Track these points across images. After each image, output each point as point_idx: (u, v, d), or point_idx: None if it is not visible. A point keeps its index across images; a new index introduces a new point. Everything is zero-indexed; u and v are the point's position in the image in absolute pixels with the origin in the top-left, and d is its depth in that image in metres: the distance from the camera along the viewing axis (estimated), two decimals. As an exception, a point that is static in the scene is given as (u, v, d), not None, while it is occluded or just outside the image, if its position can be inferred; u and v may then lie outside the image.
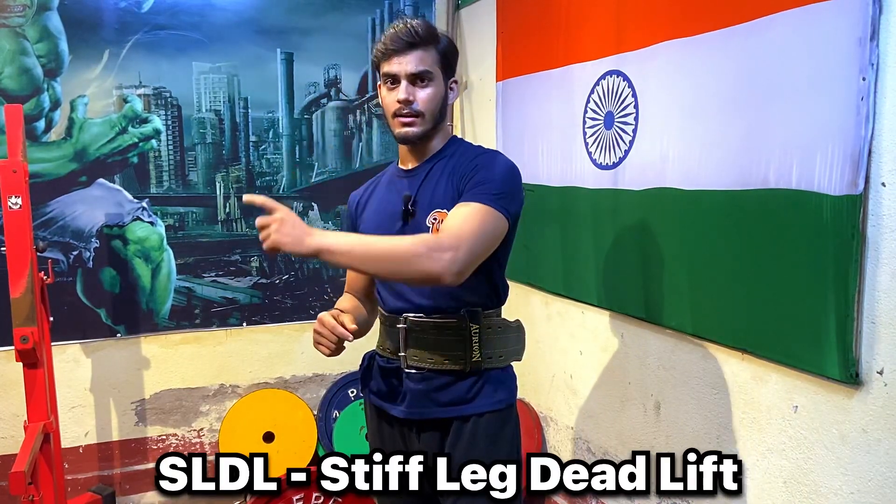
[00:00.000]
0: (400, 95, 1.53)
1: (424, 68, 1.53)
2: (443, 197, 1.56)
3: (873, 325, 1.49)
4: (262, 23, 3.08)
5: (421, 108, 1.54)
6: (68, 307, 2.90)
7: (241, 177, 3.12)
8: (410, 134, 1.56)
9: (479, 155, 1.59)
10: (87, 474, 3.00)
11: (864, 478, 1.53)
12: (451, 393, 1.56)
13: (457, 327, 1.55)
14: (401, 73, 1.53)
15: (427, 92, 1.54)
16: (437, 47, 1.56)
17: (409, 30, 1.51)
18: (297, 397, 3.23)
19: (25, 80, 2.77)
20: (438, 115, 1.59)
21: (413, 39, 1.51)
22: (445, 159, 1.61)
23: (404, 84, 1.53)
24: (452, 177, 1.57)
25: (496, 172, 1.53)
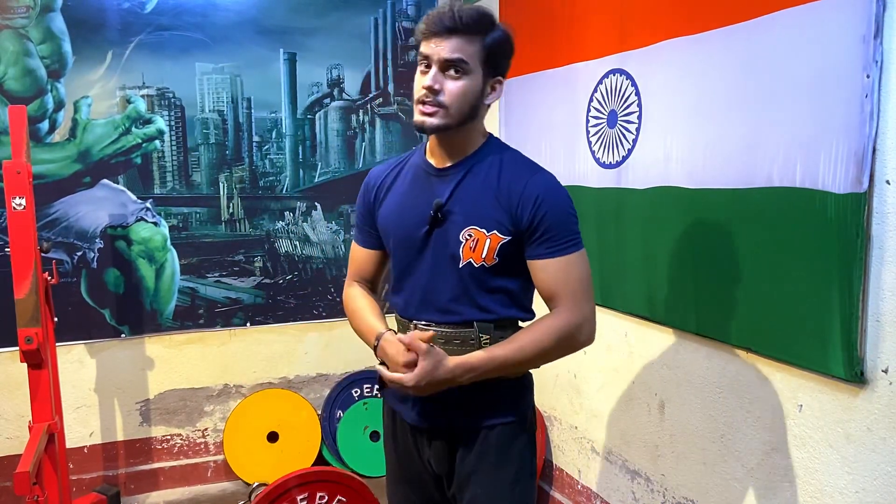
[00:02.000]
0: (426, 81, 1.39)
1: (459, 57, 1.37)
2: (482, 216, 1.44)
3: (878, 323, 1.48)
4: (265, 23, 3.08)
5: (446, 100, 1.39)
6: (73, 307, 2.91)
7: (244, 177, 3.13)
8: (427, 124, 1.41)
9: (533, 183, 1.44)
10: (91, 474, 3.00)
11: (869, 476, 1.52)
12: (460, 402, 1.48)
13: (465, 338, 1.46)
14: (433, 58, 1.38)
15: (458, 85, 1.39)
16: (482, 39, 1.39)
17: (453, 13, 1.37)
18: (301, 397, 3.23)
19: (29, 81, 2.78)
20: (468, 112, 1.42)
21: (454, 25, 1.36)
22: (485, 167, 1.47)
23: (434, 70, 1.39)
24: (499, 197, 1.43)
25: (564, 210, 1.44)
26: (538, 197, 1.42)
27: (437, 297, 1.48)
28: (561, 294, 1.43)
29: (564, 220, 1.43)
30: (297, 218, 3.23)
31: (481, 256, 1.44)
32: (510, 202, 1.43)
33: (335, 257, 3.30)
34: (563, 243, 1.42)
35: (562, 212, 1.44)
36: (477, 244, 1.44)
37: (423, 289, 1.50)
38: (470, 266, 1.45)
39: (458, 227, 1.45)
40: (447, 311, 1.48)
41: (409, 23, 3.31)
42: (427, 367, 1.36)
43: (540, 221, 1.41)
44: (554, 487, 2.79)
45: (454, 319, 1.47)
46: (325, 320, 3.30)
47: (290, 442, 3.18)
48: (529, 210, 1.41)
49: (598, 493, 2.51)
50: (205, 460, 3.17)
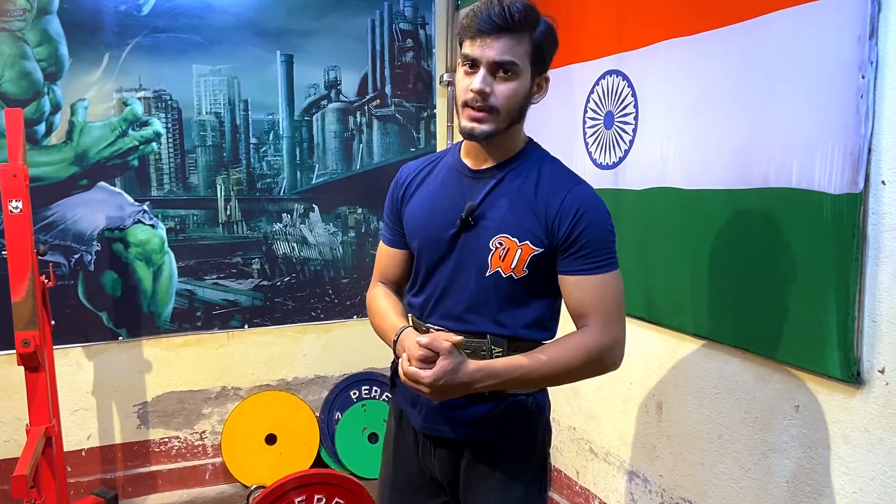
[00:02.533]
0: (475, 84, 1.30)
1: (511, 59, 1.30)
2: (516, 224, 1.37)
3: (874, 323, 1.48)
4: (262, 25, 3.08)
5: (498, 103, 1.32)
6: (70, 310, 2.91)
7: (241, 179, 3.13)
8: (477, 131, 1.33)
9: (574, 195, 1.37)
10: (89, 477, 3.00)
11: (866, 477, 1.52)
12: (468, 414, 1.42)
13: (476, 349, 1.39)
14: (482, 59, 1.30)
15: (509, 87, 1.32)
16: (531, 35, 1.32)
17: (504, 11, 1.28)
18: (299, 399, 3.23)
19: (26, 84, 2.78)
20: (517, 114, 1.37)
21: (506, 23, 1.28)
22: (524, 173, 1.41)
23: (483, 72, 1.30)
24: (535, 207, 1.37)
25: (604, 226, 1.37)
26: (578, 210, 1.35)
27: (453, 304, 1.43)
28: (593, 313, 1.36)
29: (603, 237, 1.36)
30: (295, 220, 3.23)
31: (510, 266, 1.37)
32: (547, 213, 1.36)
33: (333, 259, 3.30)
34: (601, 260, 1.36)
35: (602, 228, 1.36)
36: (507, 253, 1.37)
37: (440, 293, 1.45)
38: (497, 276, 1.38)
39: (490, 233, 1.39)
40: (460, 319, 1.42)
41: (406, 24, 3.31)
42: (447, 366, 1.29)
43: (579, 236, 1.34)
44: (553, 488, 2.79)
45: (467, 328, 1.40)
46: (324, 322, 3.30)
47: (289, 444, 3.18)
48: (568, 223, 1.34)
49: (596, 494, 2.51)
50: (203, 463, 3.17)
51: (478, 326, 1.40)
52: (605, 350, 1.36)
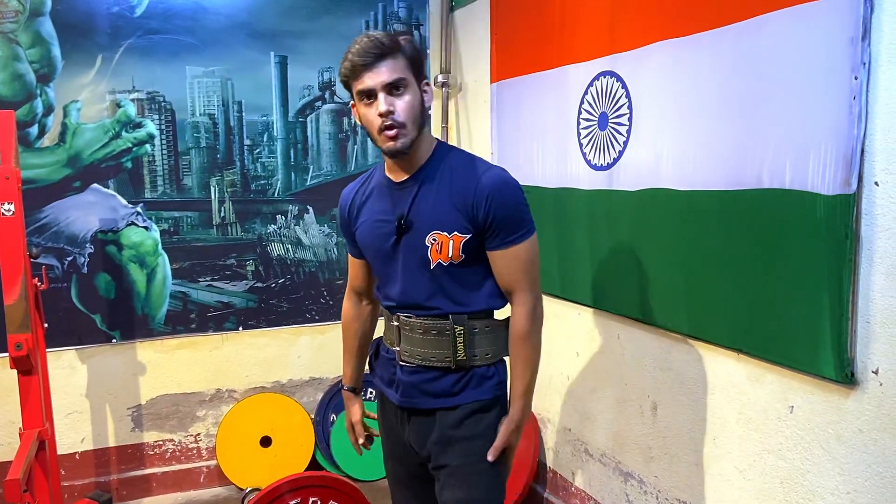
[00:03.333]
0: (381, 108, 1.49)
1: (398, 76, 1.50)
2: (442, 220, 1.57)
3: (868, 324, 1.48)
4: (256, 26, 3.07)
5: (402, 117, 1.51)
6: (63, 313, 2.90)
7: (235, 181, 3.12)
8: (399, 147, 1.52)
9: (483, 183, 1.55)
10: (83, 480, 2.99)
11: (860, 477, 1.53)
12: (438, 386, 1.63)
13: (441, 329, 1.60)
14: (376, 87, 1.49)
15: (405, 100, 1.51)
16: (403, 54, 1.52)
17: (374, 42, 1.49)
18: (294, 401, 3.22)
19: (18, 85, 2.77)
20: (421, 120, 1.56)
21: (380, 50, 1.48)
22: (438, 174, 1.59)
23: (382, 96, 1.49)
24: (453, 199, 1.56)
25: (513, 203, 1.56)
26: (489, 196, 1.54)
27: (415, 296, 1.63)
28: (513, 281, 1.59)
29: (515, 214, 1.56)
30: (290, 221, 3.22)
31: (448, 256, 1.57)
32: (465, 203, 1.55)
33: (328, 260, 3.30)
34: (517, 233, 1.56)
35: (512, 206, 1.55)
36: (442, 246, 1.57)
37: (401, 290, 1.64)
38: (440, 266, 1.59)
39: (423, 233, 1.58)
40: (424, 307, 1.62)
41: (401, 26, 3.31)
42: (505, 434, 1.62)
43: (494, 218, 1.54)
44: (548, 490, 2.78)
45: (433, 313, 1.61)
46: (318, 324, 3.29)
47: (284, 446, 3.17)
48: (483, 209, 1.54)
49: (591, 496, 2.51)
50: (197, 466, 3.16)
51: (441, 310, 1.61)
52: (531, 315, 1.60)
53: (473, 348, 1.61)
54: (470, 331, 1.60)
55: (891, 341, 1.44)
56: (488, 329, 1.63)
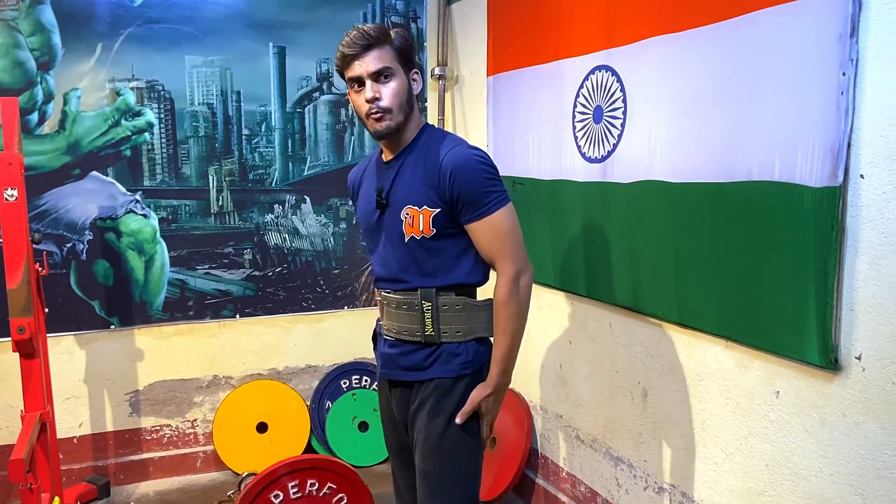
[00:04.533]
0: (367, 95, 1.62)
1: (384, 65, 1.61)
2: (414, 195, 1.68)
3: (852, 312, 1.54)
4: (255, 16, 3.10)
5: (387, 103, 1.63)
6: (62, 299, 2.92)
7: (233, 170, 3.15)
8: (383, 129, 1.65)
9: (445, 160, 1.64)
10: (81, 464, 3.02)
11: (843, 460, 1.58)
12: (411, 360, 1.73)
13: (411, 304, 1.70)
14: (363, 74, 1.62)
15: (391, 87, 1.63)
16: (392, 44, 1.64)
17: (362, 33, 1.61)
18: (290, 388, 3.26)
19: (19, 73, 2.79)
20: (407, 106, 1.67)
21: (367, 41, 1.61)
22: (416, 151, 1.71)
23: (369, 83, 1.62)
24: (424, 176, 1.67)
25: (477, 176, 1.63)
26: (451, 171, 1.63)
27: (391, 269, 1.74)
28: (493, 253, 1.67)
29: (479, 185, 1.63)
30: (287, 211, 3.26)
31: (420, 230, 1.67)
32: (434, 178, 1.65)
33: (324, 250, 3.33)
34: (484, 206, 1.63)
35: (475, 178, 1.63)
36: (414, 220, 1.67)
37: (382, 263, 1.76)
38: (413, 240, 1.68)
39: (399, 208, 1.69)
40: (398, 280, 1.73)
41: (398, 18, 3.34)
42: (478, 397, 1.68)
43: (459, 192, 1.63)
44: (539, 475, 2.84)
45: (404, 286, 1.72)
46: (314, 312, 3.33)
47: (280, 432, 3.21)
48: (448, 184, 1.63)
49: (582, 480, 2.57)
50: (194, 451, 3.20)
51: (411, 283, 1.71)
52: (514, 283, 1.66)
53: (441, 324, 1.69)
54: (439, 307, 1.68)
55: (873, 328, 1.50)
56: (458, 307, 1.69)
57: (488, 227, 1.65)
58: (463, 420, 1.67)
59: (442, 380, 1.70)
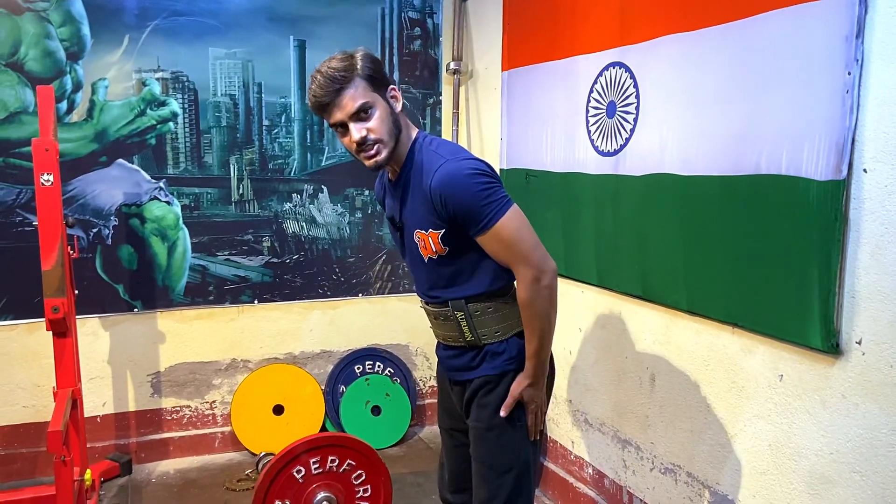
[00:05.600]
0: (354, 136, 1.59)
1: (361, 102, 1.57)
2: (419, 220, 1.68)
3: (853, 299, 1.63)
4: (276, 10, 3.18)
5: (376, 136, 1.60)
6: (88, 282, 3.02)
7: (254, 159, 3.24)
8: (381, 161, 1.63)
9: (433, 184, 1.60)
10: (104, 443, 3.12)
11: (842, 439, 1.67)
12: (460, 362, 1.80)
13: (446, 315, 1.76)
14: (344, 118, 1.58)
15: (375, 119, 1.60)
16: (360, 75, 1.58)
17: (328, 77, 1.56)
18: (306, 372, 3.36)
19: (49, 62, 2.88)
20: (395, 130, 1.65)
21: (337, 84, 1.55)
22: (412, 174, 1.68)
23: (352, 125, 1.59)
24: (421, 200, 1.65)
25: (469, 191, 1.58)
26: (441, 194, 1.59)
27: (422, 285, 1.80)
28: (511, 261, 1.65)
29: (474, 200, 1.58)
30: (305, 200, 3.34)
31: (433, 250, 1.68)
32: (430, 203, 1.63)
33: (340, 239, 3.42)
34: (485, 219, 1.60)
35: (467, 195, 1.58)
36: (425, 242, 1.69)
37: (415, 278, 1.84)
38: (431, 259, 1.71)
39: (411, 231, 1.72)
40: (429, 295, 1.79)
41: (415, 13, 3.42)
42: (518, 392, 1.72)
43: (455, 211, 1.60)
44: (548, 458, 2.94)
45: (436, 301, 1.77)
46: (330, 299, 3.43)
47: (295, 415, 3.31)
48: (441, 206, 1.61)
49: (590, 462, 2.66)
50: (213, 431, 3.30)
51: (441, 297, 1.75)
52: (532, 286, 1.64)
53: (478, 329, 1.73)
54: (471, 314, 1.72)
55: (873, 314, 1.58)
56: (491, 310, 1.72)
57: (494, 238, 1.62)
58: (507, 412, 1.71)
59: (490, 376, 1.75)
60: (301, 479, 2.27)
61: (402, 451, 3.38)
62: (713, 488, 2.07)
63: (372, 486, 2.36)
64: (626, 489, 2.46)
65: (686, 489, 2.18)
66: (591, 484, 2.66)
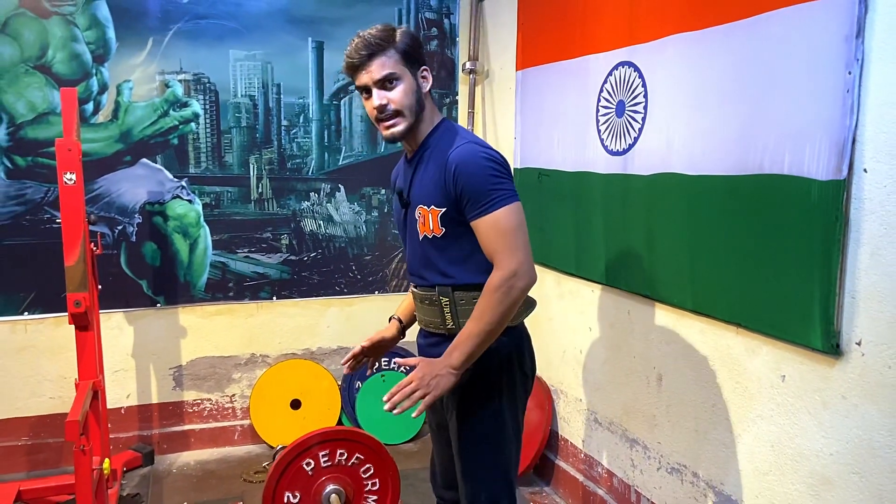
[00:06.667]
0: (375, 102, 1.64)
1: (388, 71, 1.62)
2: (425, 195, 1.70)
3: (853, 300, 1.62)
4: (295, 13, 3.24)
5: (396, 107, 1.65)
6: (113, 278, 3.12)
7: (273, 159, 3.31)
8: (396, 133, 1.68)
9: (451, 157, 1.64)
10: (128, 434, 3.22)
11: (842, 440, 1.67)
12: (438, 350, 1.74)
13: (432, 299, 1.76)
14: (369, 83, 1.64)
15: (398, 91, 1.64)
16: (395, 47, 1.63)
17: (365, 41, 1.62)
18: (323, 368, 3.42)
19: (76, 65, 2.97)
20: (416, 107, 1.68)
21: (370, 49, 1.61)
22: (430, 149, 1.72)
23: (375, 91, 1.64)
24: (434, 175, 1.68)
25: (479, 174, 1.61)
26: (455, 169, 1.63)
27: (415, 265, 1.80)
28: (495, 251, 1.63)
29: (482, 184, 1.61)
30: (322, 199, 3.40)
31: (430, 229, 1.70)
32: (442, 178, 1.66)
33: (357, 237, 3.48)
34: (486, 203, 1.61)
35: (478, 176, 1.61)
36: (425, 219, 1.71)
37: (409, 258, 1.84)
38: (426, 238, 1.73)
39: (414, 207, 1.74)
40: (420, 276, 1.79)
41: (432, 14, 3.45)
42: (422, 366, 1.65)
43: (462, 190, 1.63)
44: (559, 456, 2.95)
45: (425, 283, 1.77)
46: (346, 296, 3.48)
47: (312, 409, 3.37)
48: (452, 182, 1.63)
49: (599, 461, 2.67)
50: (232, 424, 3.38)
51: (429, 280, 1.76)
52: (507, 279, 1.61)
53: (461, 318, 1.72)
54: (455, 301, 1.72)
55: (873, 315, 1.57)
56: (476, 301, 1.68)
57: (490, 224, 1.62)
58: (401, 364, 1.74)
59: (476, 370, 1.71)
60: (311, 472, 2.33)
61: (416, 447, 3.42)
62: (717, 488, 2.07)
63: (380, 480, 2.40)
64: (633, 488, 2.47)
65: (691, 489, 2.18)
66: (601, 483, 2.67)
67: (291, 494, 2.31)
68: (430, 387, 1.62)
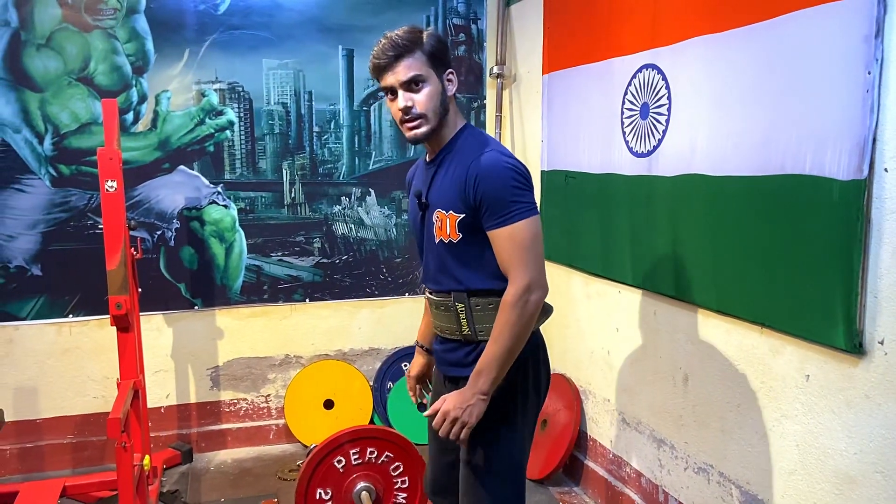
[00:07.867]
0: (400, 104, 1.63)
1: (414, 73, 1.61)
2: (444, 199, 1.69)
3: (875, 299, 1.62)
4: (325, 21, 3.32)
5: (421, 109, 1.63)
6: (153, 281, 3.23)
7: (305, 164, 3.39)
8: (420, 135, 1.66)
9: (474, 164, 1.63)
10: (167, 432, 3.33)
11: (866, 439, 1.67)
12: (454, 356, 1.78)
13: (447, 305, 1.74)
14: (395, 84, 1.63)
15: (423, 93, 1.63)
16: (422, 49, 1.63)
17: (391, 43, 1.61)
18: (355, 368, 3.49)
19: (116, 76, 3.09)
20: (441, 110, 1.67)
21: (397, 51, 1.61)
22: (453, 153, 1.71)
23: (401, 93, 1.63)
24: (455, 180, 1.66)
25: (501, 184, 1.60)
26: (477, 177, 1.62)
27: (429, 271, 1.79)
28: (510, 264, 1.62)
29: (503, 194, 1.60)
30: (353, 203, 3.48)
31: (447, 234, 1.69)
32: (463, 183, 1.64)
33: (387, 240, 3.54)
34: (505, 214, 1.60)
35: (500, 187, 1.60)
36: (443, 224, 1.70)
37: (425, 263, 1.82)
38: (442, 243, 1.71)
39: (433, 211, 1.73)
40: (435, 281, 1.78)
41: (459, 20, 3.50)
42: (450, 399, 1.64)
43: (482, 198, 1.61)
44: (588, 456, 2.97)
45: (441, 288, 1.76)
46: (378, 298, 3.55)
47: (345, 409, 3.44)
48: (473, 189, 1.62)
49: (627, 461, 2.69)
50: (267, 424, 3.46)
51: (444, 286, 1.75)
52: (522, 294, 1.60)
53: (476, 324, 1.71)
54: (471, 307, 1.70)
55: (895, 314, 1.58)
56: (491, 307, 1.68)
57: (507, 236, 1.61)
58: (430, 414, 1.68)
59: None
60: (342, 470, 2.39)
61: (447, 447, 3.46)
62: (744, 488, 2.07)
63: (409, 478, 2.46)
64: (661, 488, 2.48)
65: (718, 489, 2.19)
66: (629, 483, 2.68)
67: (323, 491, 2.37)
68: (468, 416, 1.63)
